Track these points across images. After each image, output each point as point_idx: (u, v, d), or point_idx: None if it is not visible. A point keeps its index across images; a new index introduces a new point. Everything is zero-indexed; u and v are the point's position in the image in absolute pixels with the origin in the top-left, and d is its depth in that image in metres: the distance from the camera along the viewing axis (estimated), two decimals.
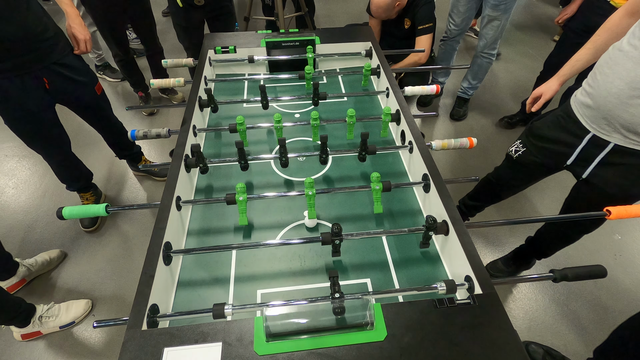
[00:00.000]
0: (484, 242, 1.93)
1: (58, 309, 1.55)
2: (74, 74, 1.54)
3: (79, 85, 1.58)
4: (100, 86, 1.72)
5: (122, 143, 2.01)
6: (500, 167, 1.55)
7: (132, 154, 2.09)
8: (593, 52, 1.21)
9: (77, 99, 1.64)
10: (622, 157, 1.10)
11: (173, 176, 1.00)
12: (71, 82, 1.54)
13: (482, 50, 2.36)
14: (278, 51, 1.59)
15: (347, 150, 1.16)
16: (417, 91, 1.33)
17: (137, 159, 2.14)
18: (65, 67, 1.50)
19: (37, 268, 1.69)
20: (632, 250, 1.90)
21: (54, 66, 1.46)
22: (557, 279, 0.82)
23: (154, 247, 0.84)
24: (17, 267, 1.63)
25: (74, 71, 1.54)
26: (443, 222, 0.91)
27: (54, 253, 1.78)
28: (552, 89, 1.31)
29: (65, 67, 1.50)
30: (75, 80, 1.55)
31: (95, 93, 1.68)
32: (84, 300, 1.62)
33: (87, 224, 1.93)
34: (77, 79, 1.56)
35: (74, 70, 1.54)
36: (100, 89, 1.72)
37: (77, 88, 1.58)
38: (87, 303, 1.62)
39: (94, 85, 1.66)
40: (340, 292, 0.76)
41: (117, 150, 2.04)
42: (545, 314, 1.65)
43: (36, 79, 1.43)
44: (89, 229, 1.92)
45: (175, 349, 0.67)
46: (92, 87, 1.66)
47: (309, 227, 1.04)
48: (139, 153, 2.13)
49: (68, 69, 1.51)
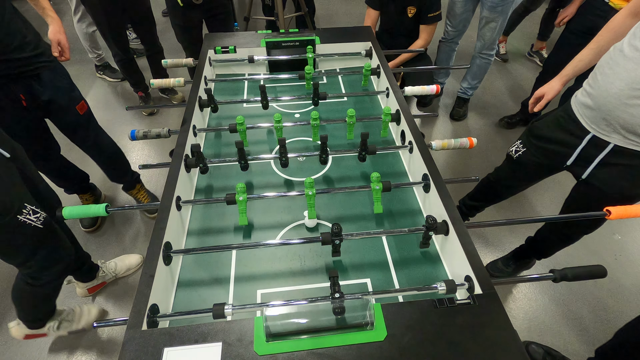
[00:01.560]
0: (484, 242, 1.93)
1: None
2: (52, 91, 1.42)
3: (57, 102, 1.46)
4: (84, 105, 1.59)
5: (115, 171, 1.87)
6: (501, 167, 1.55)
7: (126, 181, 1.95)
8: (596, 52, 1.21)
9: (56, 117, 1.53)
10: (622, 157, 1.10)
11: (173, 176, 1.00)
12: (50, 99, 1.43)
13: (481, 51, 2.37)
14: (278, 51, 1.59)
15: (347, 150, 1.16)
16: (417, 91, 1.33)
17: (131, 187, 1.99)
18: (42, 83, 1.39)
19: (118, 272, 1.73)
20: (632, 250, 1.90)
21: (31, 81, 1.36)
22: (557, 279, 0.82)
23: (154, 247, 0.84)
24: (97, 270, 1.67)
25: (53, 87, 1.42)
26: (443, 222, 0.91)
27: (134, 258, 1.79)
28: (554, 89, 1.31)
29: (42, 83, 1.39)
30: (54, 96, 1.44)
31: (77, 113, 1.55)
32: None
33: (87, 224, 1.92)
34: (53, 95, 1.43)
35: (52, 86, 1.42)
36: (84, 109, 1.59)
37: (55, 105, 1.46)
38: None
39: (75, 104, 1.53)
40: (340, 292, 0.76)
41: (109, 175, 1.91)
42: (545, 314, 1.65)
43: (12, 95, 1.33)
44: (89, 229, 1.92)
45: (175, 349, 0.67)
46: (73, 106, 1.53)
47: (309, 227, 1.04)
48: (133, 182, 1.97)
49: (45, 85, 1.40)
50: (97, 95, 2.90)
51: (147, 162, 2.35)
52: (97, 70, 3.04)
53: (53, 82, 1.43)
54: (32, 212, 1.07)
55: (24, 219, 1.05)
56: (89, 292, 1.67)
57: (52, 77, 1.43)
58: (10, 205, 1.02)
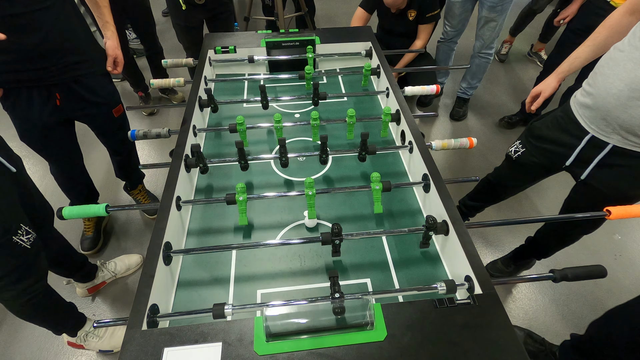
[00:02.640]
0: (484, 242, 1.93)
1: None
2: (91, 95, 1.43)
3: (94, 105, 1.47)
4: (121, 109, 1.61)
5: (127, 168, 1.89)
6: (500, 168, 1.55)
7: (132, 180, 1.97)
8: (592, 50, 1.21)
9: (90, 118, 1.54)
10: (621, 158, 1.10)
11: (173, 176, 1.00)
12: (86, 102, 1.43)
13: (480, 50, 2.37)
14: (278, 51, 1.59)
15: (347, 150, 1.16)
16: (417, 91, 1.33)
17: (134, 186, 2.01)
18: (82, 86, 1.39)
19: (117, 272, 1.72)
20: (632, 250, 1.90)
21: (71, 83, 1.36)
22: (557, 279, 0.82)
23: (154, 247, 0.84)
24: (96, 270, 1.66)
25: (92, 92, 1.43)
26: (443, 222, 0.91)
27: (133, 258, 1.78)
28: (551, 87, 1.31)
29: (82, 86, 1.39)
30: (91, 100, 1.44)
31: (112, 115, 1.56)
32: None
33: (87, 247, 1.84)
34: (92, 99, 1.44)
35: (92, 91, 1.43)
36: (120, 112, 1.60)
37: (91, 108, 1.47)
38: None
39: (111, 107, 1.55)
40: (340, 292, 0.76)
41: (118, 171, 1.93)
42: (545, 314, 1.65)
43: (47, 93, 1.33)
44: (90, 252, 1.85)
45: (175, 349, 0.67)
46: (109, 109, 1.54)
47: (309, 227, 1.04)
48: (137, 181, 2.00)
49: (85, 89, 1.40)
50: None
51: (147, 162, 2.35)
52: None
53: (94, 86, 1.43)
54: (26, 232, 1.05)
55: (17, 240, 1.02)
56: (89, 292, 1.67)
57: (94, 82, 1.43)
58: (9, 225, 1.00)
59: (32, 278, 1.11)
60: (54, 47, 1.24)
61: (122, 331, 1.53)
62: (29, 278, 1.10)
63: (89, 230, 1.85)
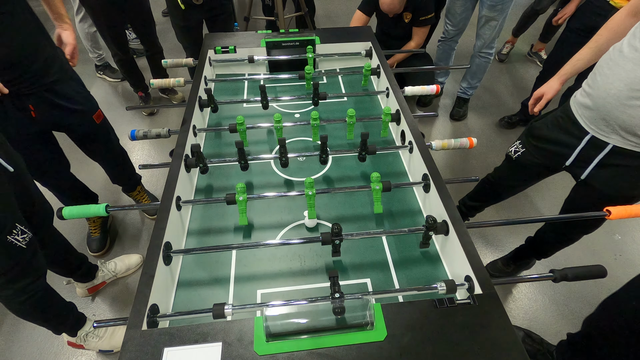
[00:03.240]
0: (484, 242, 1.93)
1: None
2: (67, 102, 1.36)
3: (71, 113, 1.40)
4: (101, 114, 1.56)
5: (121, 174, 1.87)
6: (500, 168, 1.55)
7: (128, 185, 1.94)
8: (595, 52, 1.20)
9: (70, 128, 1.48)
10: (621, 158, 1.10)
11: (173, 176, 1.00)
12: (63, 110, 1.37)
13: (480, 50, 2.36)
14: (278, 51, 1.59)
15: (347, 150, 1.16)
16: (417, 91, 1.33)
17: (132, 190, 1.97)
18: (55, 94, 1.32)
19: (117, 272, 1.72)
20: (632, 250, 1.90)
21: (43, 92, 1.29)
22: (557, 279, 0.82)
23: (154, 247, 0.84)
24: (96, 270, 1.66)
25: (66, 99, 1.36)
26: (443, 222, 0.91)
27: (133, 258, 1.78)
28: (553, 89, 1.31)
29: (55, 93, 1.32)
30: (69, 108, 1.38)
31: (94, 122, 1.51)
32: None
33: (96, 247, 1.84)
34: (68, 106, 1.37)
35: (65, 98, 1.36)
36: (101, 118, 1.55)
37: (70, 117, 1.41)
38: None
39: (92, 113, 1.49)
40: (340, 292, 0.76)
41: (112, 179, 1.90)
42: (545, 314, 1.65)
43: (21, 105, 1.26)
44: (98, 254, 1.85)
45: (175, 349, 0.67)
46: (90, 116, 1.49)
47: (309, 227, 1.04)
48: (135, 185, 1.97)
49: (59, 96, 1.33)
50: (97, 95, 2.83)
51: (147, 162, 2.35)
52: (97, 70, 3.04)
53: (67, 93, 1.37)
54: (21, 232, 1.04)
55: (12, 239, 1.01)
56: (88, 292, 1.67)
57: (67, 88, 1.37)
58: (3, 225, 0.99)
59: (30, 277, 1.11)
60: (19, 56, 1.18)
61: (122, 331, 1.53)
62: (26, 277, 1.10)
63: (96, 232, 1.85)
